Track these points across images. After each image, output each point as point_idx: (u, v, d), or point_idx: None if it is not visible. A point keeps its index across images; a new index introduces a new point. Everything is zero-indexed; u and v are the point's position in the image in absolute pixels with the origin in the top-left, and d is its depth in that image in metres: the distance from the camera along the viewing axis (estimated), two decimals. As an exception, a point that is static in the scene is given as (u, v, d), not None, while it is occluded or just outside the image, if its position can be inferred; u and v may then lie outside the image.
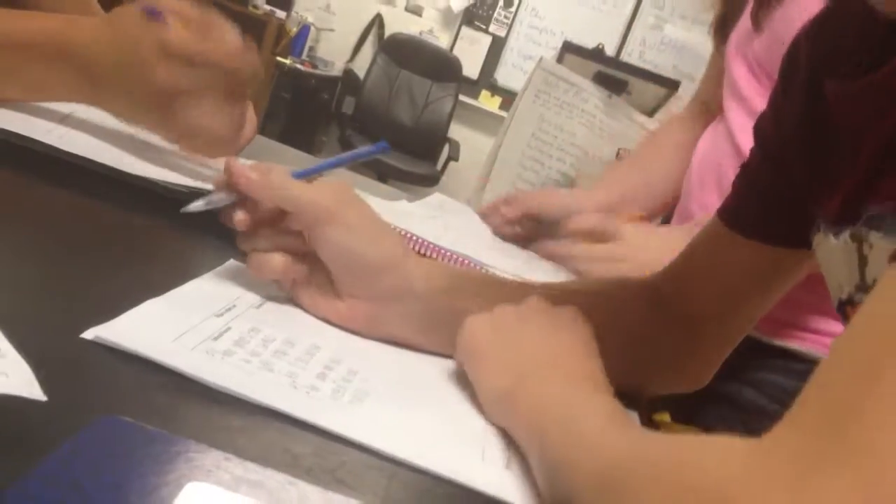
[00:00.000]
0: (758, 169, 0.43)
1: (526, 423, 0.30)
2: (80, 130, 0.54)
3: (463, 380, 0.36)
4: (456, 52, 3.66)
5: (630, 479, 0.21)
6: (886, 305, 0.18)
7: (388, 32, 3.66)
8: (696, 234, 0.46)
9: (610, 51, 3.52)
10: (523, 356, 0.34)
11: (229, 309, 0.34)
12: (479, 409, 0.34)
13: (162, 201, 0.49)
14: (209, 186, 0.50)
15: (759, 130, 0.44)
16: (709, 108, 0.85)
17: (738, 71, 0.77)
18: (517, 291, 0.40)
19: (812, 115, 0.37)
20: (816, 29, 0.39)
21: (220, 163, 0.60)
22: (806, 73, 0.38)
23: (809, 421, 0.16)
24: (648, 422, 0.51)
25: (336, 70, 3.66)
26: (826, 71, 0.35)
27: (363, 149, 0.43)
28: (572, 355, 0.34)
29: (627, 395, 0.37)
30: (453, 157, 3.40)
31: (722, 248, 0.44)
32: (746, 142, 0.76)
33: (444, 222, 0.70)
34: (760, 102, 0.74)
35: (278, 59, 3.32)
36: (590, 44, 3.12)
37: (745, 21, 0.74)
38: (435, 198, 0.84)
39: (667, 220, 0.93)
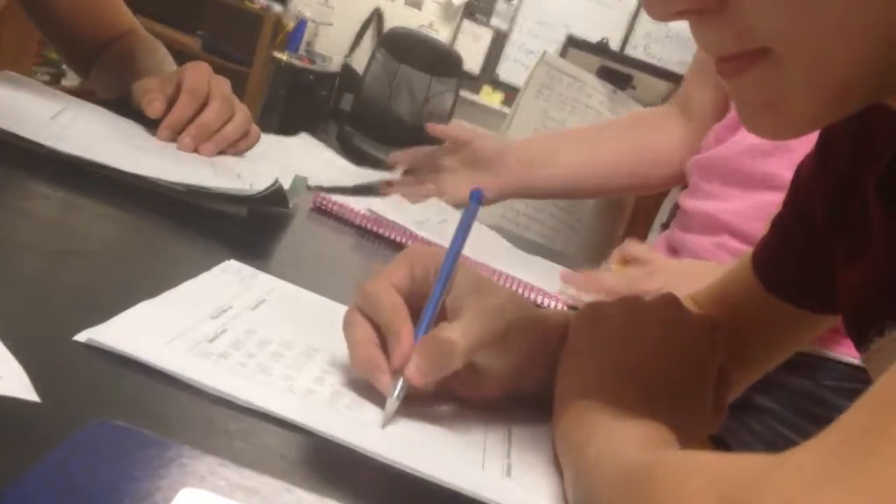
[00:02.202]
0: (790, 225, 0.41)
1: (570, 438, 0.29)
2: (76, 128, 0.53)
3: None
4: (457, 46, 3.65)
5: (646, 482, 0.21)
6: None
7: (387, 26, 3.65)
8: (732, 269, 0.45)
9: (614, 45, 3.50)
10: (604, 364, 0.33)
11: (225, 311, 0.34)
12: (479, 416, 0.33)
13: (158, 200, 0.48)
14: (207, 184, 0.50)
15: (795, 179, 0.41)
16: (688, 107, 0.83)
17: None
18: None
19: (843, 197, 0.35)
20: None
21: (222, 158, 0.60)
22: (838, 165, 0.36)
23: (828, 445, 0.17)
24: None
25: (334, 65, 3.65)
26: (859, 167, 0.34)
27: (466, 213, 0.36)
28: (660, 376, 0.32)
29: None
30: (454, 152, 3.39)
31: (751, 296, 0.42)
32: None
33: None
34: None
35: (275, 54, 3.31)
36: (594, 38, 3.11)
37: None
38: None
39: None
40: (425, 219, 0.67)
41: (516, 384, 0.35)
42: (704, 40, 0.25)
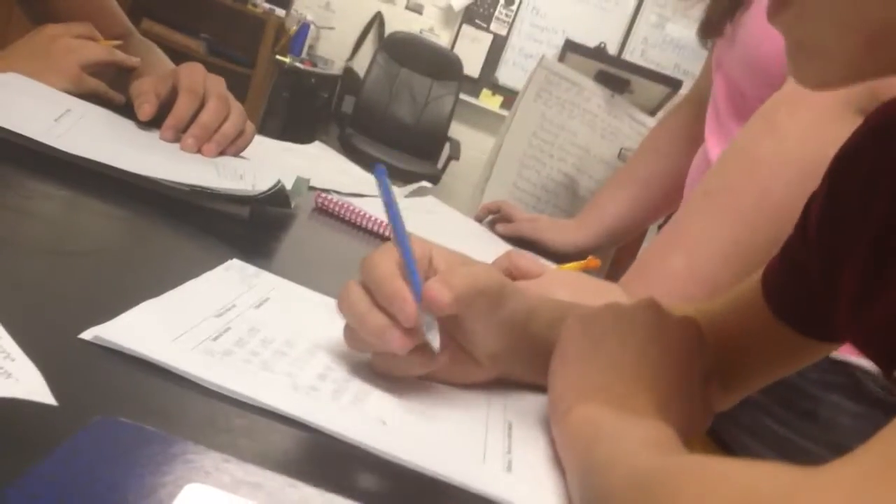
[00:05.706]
0: (800, 252, 0.40)
1: (575, 438, 0.30)
2: (80, 129, 0.54)
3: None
4: (457, 50, 3.65)
5: (666, 487, 0.21)
6: None
7: (388, 31, 3.65)
8: (743, 286, 0.44)
9: (612, 49, 3.51)
10: (600, 366, 0.33)
11: (229, 309, 0.34)
12: (479, 412, 0.34)
13: (161, 200, 0.49)
14: (211, 184, 0.50)
15: (806, 209, 0.40)
16: (703, 97, 0.85)
17: (719, 89, 0.76)
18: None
19: (853, 233, 0.34)
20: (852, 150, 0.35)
21: (225, 159, 0.61)
22: (848, 199, 0.35)
23: (869, 463, 0.16)
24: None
25: (336, 69, 3.66)
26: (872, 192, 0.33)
27: (383, 189, 0.35)
28: (655, 375, 0.33)
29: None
30: (454, 156, 3.40)
31: (757, 316, 0.42)
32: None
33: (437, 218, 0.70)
34: (735, 125, 0.72)
35: (278, 57, 3.32)
36: (591, 42, 3.11)
37: (724, 35, 0.74)
38: (429, 200, 0.85)
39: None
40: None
41: (482, 344, 0.35)
42: None
